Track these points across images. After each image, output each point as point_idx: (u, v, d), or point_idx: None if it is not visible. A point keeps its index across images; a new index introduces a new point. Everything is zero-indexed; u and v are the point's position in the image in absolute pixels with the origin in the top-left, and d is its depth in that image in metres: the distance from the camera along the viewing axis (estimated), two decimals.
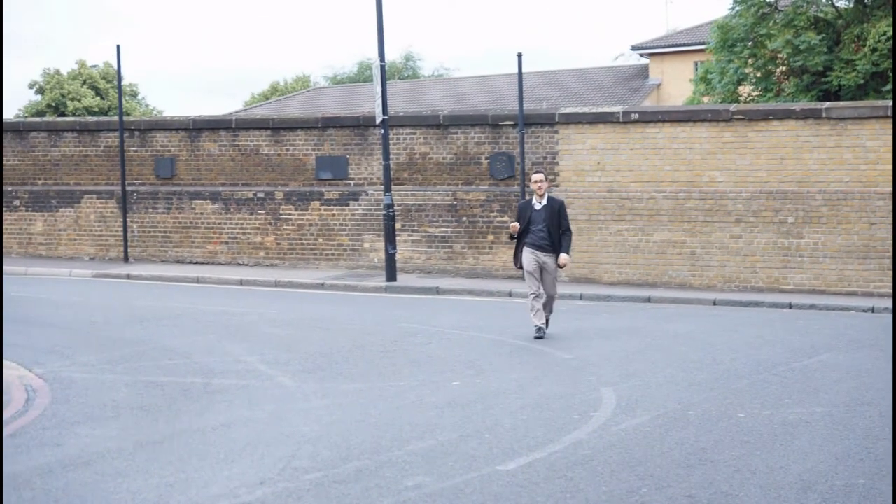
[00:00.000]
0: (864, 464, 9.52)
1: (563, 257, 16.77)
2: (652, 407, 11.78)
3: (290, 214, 27.01)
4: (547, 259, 16.76)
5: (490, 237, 25.16)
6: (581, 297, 21.96)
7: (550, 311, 17.23)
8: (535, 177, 16.88)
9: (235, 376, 13.40)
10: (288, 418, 11.18)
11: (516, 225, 16.95)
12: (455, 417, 11.24)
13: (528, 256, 16.79)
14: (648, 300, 21.92)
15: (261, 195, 27.20)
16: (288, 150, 27.05)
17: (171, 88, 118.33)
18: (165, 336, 16.46)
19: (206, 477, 9.04)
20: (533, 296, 16.69)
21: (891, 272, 21.93)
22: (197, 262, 27.64)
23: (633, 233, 23.86)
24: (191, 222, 27.88)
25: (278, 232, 27.10)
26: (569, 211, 23.98)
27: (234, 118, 28.54)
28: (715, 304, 21.62)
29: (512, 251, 24.46)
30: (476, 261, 25.31)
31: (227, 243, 27.56)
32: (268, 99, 71.92)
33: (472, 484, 8.87)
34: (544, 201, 16.85)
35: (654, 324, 18.64)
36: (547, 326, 16.98)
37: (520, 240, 16.93)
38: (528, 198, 17.47)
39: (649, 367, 14.20)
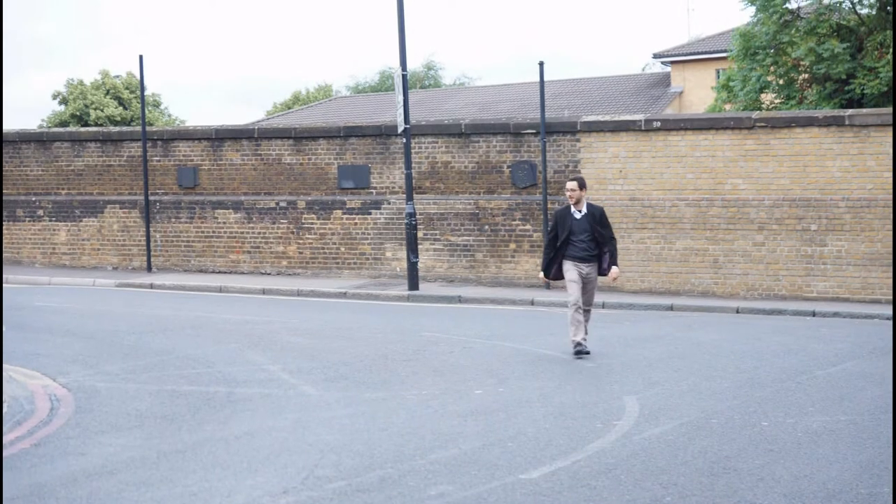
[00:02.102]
0: (888, 472, 9.47)
1: (614, 270, 15.88)
2: (675, 415, 11.75)
3: (312, 223, 27.05)
4: (589, 270, 15.86)
5: (512, 245, 25.16)
6: (603, 306, 21.93)
7: (587, 319, 16.11)
8: (568, 185, 15.95)
9: (258, 385, 13.42)
10: (311, 427, 11.19)
11: (544, 277, 16.32)
12: (478, 426, 11.24)
13: (572, 269, 15.81)
14: (671, 308, 21.87)
15: (283, 204, 27.25)
16: (310, 159, 27.10)
17: (193, 98, 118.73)
18: (188, 345, 16.49)
19: (230, 486, 9.05)
20: (575, 307, 15.61)
21: None
22: (219, 272, 27.70)
23: (656, 241, 23.83)
24: (213, 232, 27.95)
25: (300, 241, 27.14)
26: None
27: (256, 127, 28.60)
28: (738, 312, 21.57)
29: (535, 260, 24.51)
30: (498, 269, 25.30)
31: (249, 252, 27.61)
32: (290, 108, 72.10)
33: (495, 493, 8.87)
34: (584, 209, 15.90)
35: (676, 332, 18.60)
36: (586, 340, 15.76)
37: (558, 250, 15.96)
38: (565, 205, 16.19)
39: (672, 376, 14.17)
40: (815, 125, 22.70)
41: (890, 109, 23.34)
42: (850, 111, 23.03)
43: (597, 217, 15.90)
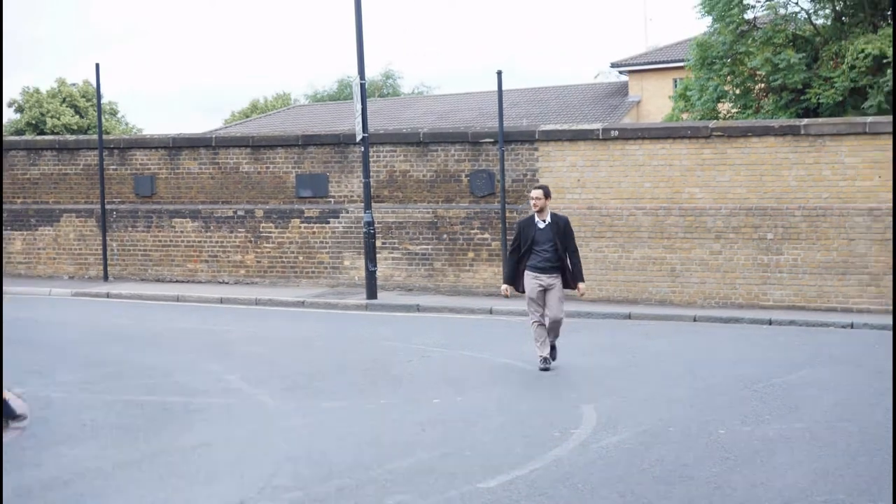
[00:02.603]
0: (844, 480, 9.54)
1: (581, 286, 15.56)
2: (632, 424, 11.79)
3: (270, 232, 26.98)
4: (552, 280, 15.42)
5: (471, 254, 25.17)
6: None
7: (556, 336, 15.72)
8: (533, 193, 15.58)
9: (216, 395, 13.38)
10: (268, 437, 11.17)
11: (506, 289, 15.84)
12: (436, 435, 11.24)
13: (531, 283, 15.46)
14: (629, 317, 21.93)
15: (241, 213, 27.16)
16: (268, 167, 27.03)
17: (151, 107, 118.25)
18: (145, 355, 16.42)
19: (186, 497, 9.02)
20: (536, 323, 15.49)
21: (870, 288, 22.00)
22: (177, 281, 27.58)
23: (614, 249, 23.89)
24: (170, 241, 27.84)
25: (258, 250, 27.06)
26: None
27: (214, 136, 28.50)
28: (695, 320, 21.65)
29: (493, 269, 24.53)
30: (457, 278, 25.31)
31: (207, 262, 27.51)
32: (248, 117, 71.91)
33: (452, 502, 8.87)
34: (548, 219, 15.51)
35: (634, 340, 18.66)
36: (554, 355, 15.66)
37: (520, 260, 15.59)
38: (529, 215, 15.86)
39: (629, 384, 14.21)
40: (771, 134, 22.83)
41: (845, 119, 23.50)
42: (805, 121, 23.18)
43: (561, 227, 15.55)
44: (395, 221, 25.77)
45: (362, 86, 24.27)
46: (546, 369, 15.24)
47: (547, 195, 15.61)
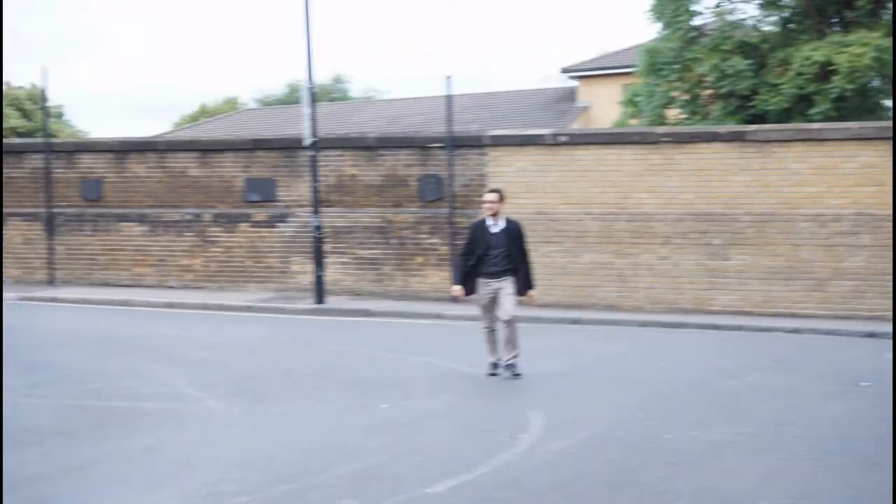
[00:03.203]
0: (788, 484, 9.58)
1: (533, 293, 15.39)
2: (579, 428, 11.80)
3: (218, 236, 26.86)
4: (503, 284, 15.10)
5: (419, 259, 25.15)
6: None
7: (515, 346, 15.15)
8: (486, 196, 15.27)
9: (162, 400, 13.29)
10: (215, 442, 11.10)
11: (460, 290, 15.44)
12: (383, 440, 11.21)
13: (483, 290, 15.17)
14: (577, 322, 21.99)
15: (188, 217, 27.03)
16: (216, 171, 26.92)
17: (98, 110, 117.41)
18: (91, 360, 16.29)
19: (131, 502, 8.94)
20: (487, 330, 15.37)
21: (815, 293, 22.18)
22: (124, 285, 27.39)
23: (562, 255, 23.95)
24: (118, 244, 27.65)
25: (206, 254, 26.94)
26: None
27: (161, 140, 28.40)
28: (643, 325, 21.73)
29: (442, 274, 24.52)
30: (405, 283, 25.29)
31: (154, 266, 27.35)
32: (196, 121, 71.51)
33: None
34: (501, 223, 15.17)
35: (582, 345, 18.71)
36: (517, 363, 15.15)
37: (473, 266, 15.19)
38: (480, 218, 15.50)
39: (577, 389, 14.23)
40: (718, 140, 22.97)
41: (791, 126, 23.70)
42: (752, 127, 23.34)
43: (513, 233, 15.21)
44: (343, 226, 25.72)
45: (311, 90, 24.23)
46: (494, 374, 15.16)
47: (501, 199, 15.29)
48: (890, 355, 17.63)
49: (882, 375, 15.50)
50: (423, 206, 25.16)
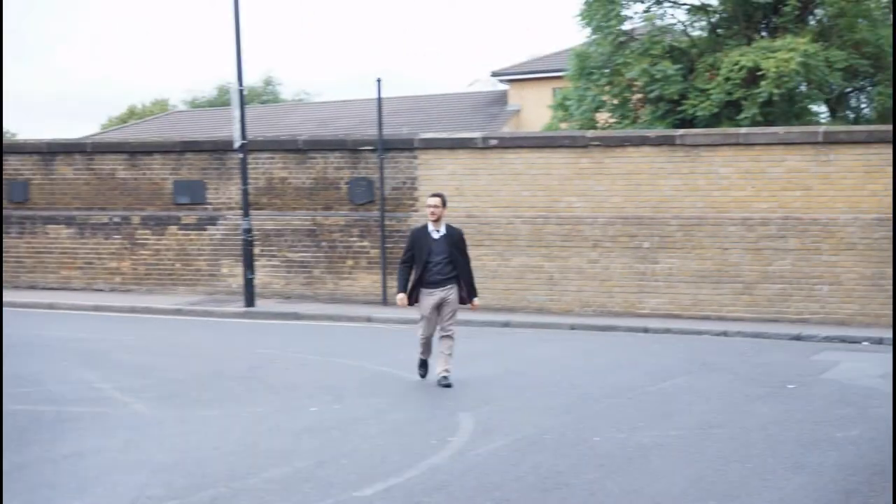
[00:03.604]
0: (715, 486, 9.66)
1: (476, 302, 15.06)
2: (509, 431, 11.83)
3: (146, 239, 26.66)
4: (446, 293, 14.69)
5: (350, 262, 25.10)
6: None
7: (449, 360, 14.81)
8: (429, 200, 14.91)
9: (89, 404, 13.17)
10: (142, 446, 11.01)
11: (403, 298, 14.92)
12: (312, 443, 11.18)
13: (426, 300, 14.70)
14: (507, 325, 22.03)
15: (117, 220, 26.80)
16: (145, 174, 26.72)
17: (25, 111, 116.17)
18: (16, 363, 16.08)
19: None
20: (423, 339, 15.00)
21: (743, 296, 22.37)
22: (51, 288, 27.11)
23: (492, 258, 23.98)
24: (45, 247, 27.37)
25: (135, 257, 26.73)
26: None
27: (89, 141, 28.16)
28: (572, 328, 21.82)
29: (373, 277, 24.49)
30: (336, 286, 25.23)
31: (81, 269, 27.10)
32: (125, 122, 70.96)
33: None
34: (442, 230, 14.78)
35: (512, 349, 18.74)
36: (449, 375, 14.69)
37: (413, 272, 14.78)
38: (422, 224, 15.17)
39: (507, 392, 14.26)
40: (647, 144, 23.11)
41: (719, 130, 23.93)
42: (681, 131, 23.51)
43: (455, 239, 14.86)
44: (273, 229, 25.62)
45: (241, 92, 24.11)
46: (423, 376, 15.05)
47: (444, 204, 14.97)
48: (817, 357, 17.85)
49: (807, 378, 15.68)
50: (353, 209, 25.11)
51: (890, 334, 20.22)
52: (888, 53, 28.97)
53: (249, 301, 23.89)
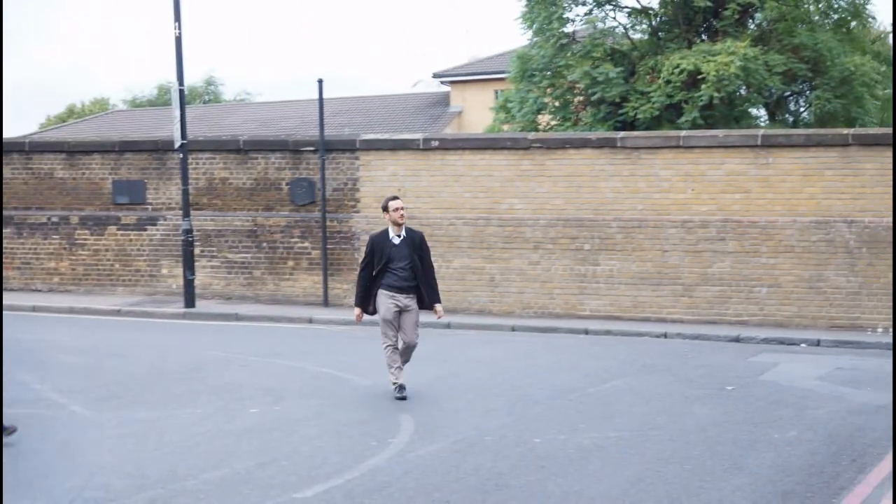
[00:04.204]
0: (654, 487, 9.71)
1: (439, 308, 14.36)
2: (449, 433, 11.84)
3: (85, 239, 26.45)
4: (409, 301, 14.10)
5: (291, 263, 25.02)
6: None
7: (407, 360, 14.33)
8: (394, 203, 14.11)
9: (25, 405, 13.04)
10: (80, 448, 10.93)
11: (360, 313, 14.22)
12: (252, 445, 11.14)
13: (386, 302, 13.99)
14: (448, 326, 22.01)
15: (55, 219, 26.58)
16: (84, 173, 26.51)
17: None
18: None
19: None
20: (390, 347, 14.04)
21: (683, 298, 22.50)
22: None
23: (434, 259, 23.83)
24: None
25: (73, 257, 26.51)
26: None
27: (27, 140, 27.89)
28: (513, 330, 21.86)
29: (314, 278, 24.43)
30: (276, 287, 25.14)
31: (19, 269, 26.84)
32: (64, 121, 70.41)
33: None
34: (403, 234, 14.17)
35: (453, 350, 18.75)
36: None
37: (374, 280, 14.12)
38: (382, 230, 14.40)
39: (448, 393, 14.26)
40: (588, 146, 23.19)
41: (660, 133, 24.04)
42: (622, 134, 23.61)
43: (416, 243, 14.27)
44: (214, 229, 25.50)
45: (181, 91, 23.96)
46: (403, 398, 13.80)
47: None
48: (755, 359, 17.98)
49: (746, 379, 15.79)
50: (294, 210, 25.03)
51: (827, 336, 20.49)
52: (826, 58, 29.27)
53: (189, 302, 23.76)
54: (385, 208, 14.23)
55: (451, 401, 13.76)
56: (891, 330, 20.99)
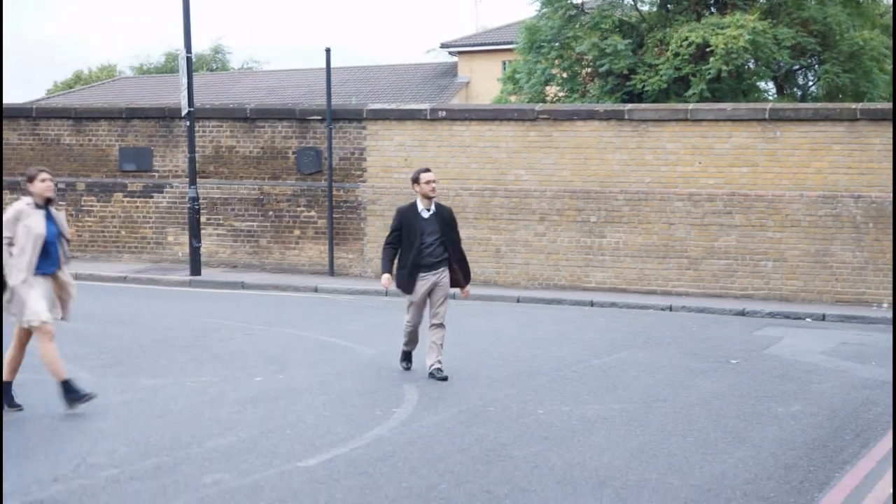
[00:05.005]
0: (657, 459, 9.73)
1: (468, 288, 13.98)
2: (453, 403, 11.87)
3: (92, 206, 26.47)
4: (438, 277, 13.54)
5: (297, 232, 25.03)
6: (387, 294, 21.94)
7: (441, 349, 13.60)
8: (426, 175, 13.49)
9: (30, 371, 13.01)
10: (85, 414, 10.96)
11: (388, 279, 13.56)
12: (257, 414, 11.17)
13: (419, 284, 13.46)
14: (453, 297, 21.94)
15: (62, 186, 26.55)
16: (90, 140, 26.50)
17: None
18: None
19: None
20: (410, 327, 13.70)
21: (689, 271, 22.49)
22: None
23: None
24: None
25: (79, 224, 26.53)
26: (375, 207, 24.09)
27: (34, 106, 27.87)
28: (518, 301, 21.86)
29: (319, 247, 24.44)
30: (282, 256, 25.16)
31: None
32: (71, 88, 70.35)
33: (271, 480, 8.82)
34: (432, 208, 13.52)
35: (458, 320, 18.69)
36: (442, 363, 13.49)
37: (406, 257, 13.49)
38: (410, 203, 13.83)
39: (452, 364, 14.25)
40: (595, 118, 23.14)
41: (667, 105, 23.99)
42: (629, 106, 23.56)
43: (446, 218, 13.63)
44: (220, 197, 25.50)
45: (189, 59, 23.94)
46: (407, 369, 13.73)
47: None
48: (760, 333, 17.98)
49: (751, 353, 15.80)
50: (301, 179, 25.03)
51: (832, 311, 20.47)
52: (836, 31, 29.16)
53: (195, 270, 23.78)
54: (416, 180, 13.59)
55: (455, 371, 13.75)
56: (892, 306, 21.00)
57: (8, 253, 11.00)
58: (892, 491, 8.82)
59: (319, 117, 24.86)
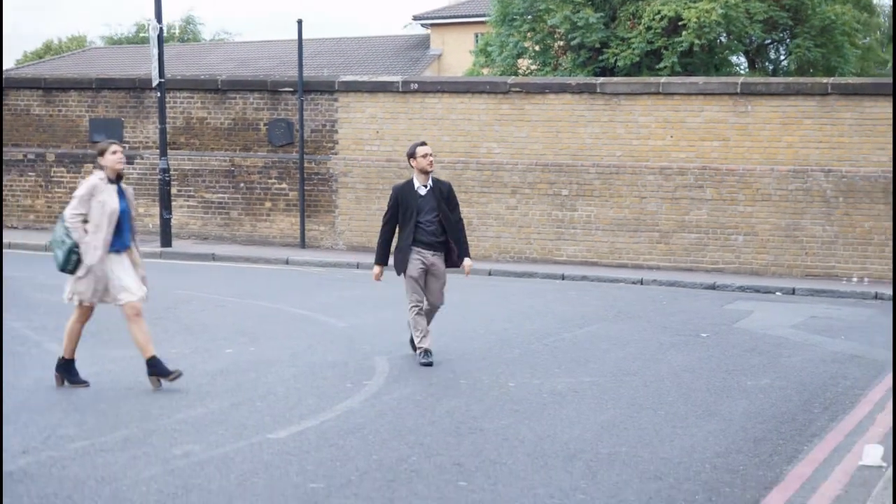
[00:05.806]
0: (627, 432, 9.76)
1: (468, 262, 13.14)
2: (424, 376, 11.87)
3: (62, 177, 26.32)
4: (436, 260, 12.87)
5: (268, 204, 24.96)
6: (358, 266, 21.96)
7: (430, 320, 13.07)
8: (422, 149, 12.74)
9: None
10: (54, 386, 10.92)
11: (379, 271, 13.18)
12: (227, 385, 11.15)
13: (414, 259, 12.72)
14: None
15: (31, 157, 26.42)
16: (60, 111, 26.35)
17: None
18: None
19: None
20: (415, 309, 12.73)
21: (660, 245, 22.54)
22: None
23: None
24: None
25: (49, 195, 26.39)
26: (347, 180, 24.03)
27: (3, 77, 27.67)
28: (490, 274, 21.87)
29: (291, 219, 24.39)
30: (253, 228, 25.09)
31: None
32: (41, 58, 69.88)
33: (241, 452, 8.80)
34: (429, 184, 12.83)
35: None
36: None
37: (401, 236, 12.88)
38: (406, 180, 13.10)
39: None
40: (567, 92, 23.14)
41: (639, 79, 24.02)
42: (601, 79, 23.56)
43: (444, 194, 12.93)
44: (191, 169, 25.40)
45: (160, 30, 23.81)
46: (429, 364, 12.49)
47: None
48: (731, 307, 18.05)
49: (721, 327, 15.86)
50: (272, 151, 24.95)
51: (802, 285, 20.57)
52: (808, 6, 29.23)
53: (166, 241, 23.71)
54: (412, 154, 12.83)
55: None
56: (867, 280, 21.13)
57: (83, 230, 10.86)
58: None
59: (291, 89, 24.78)
